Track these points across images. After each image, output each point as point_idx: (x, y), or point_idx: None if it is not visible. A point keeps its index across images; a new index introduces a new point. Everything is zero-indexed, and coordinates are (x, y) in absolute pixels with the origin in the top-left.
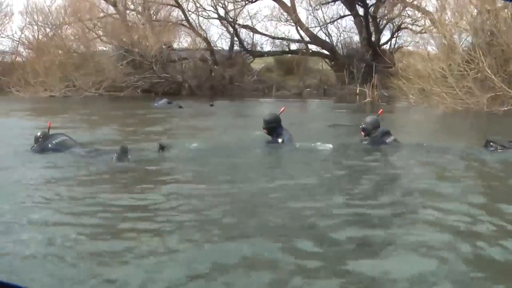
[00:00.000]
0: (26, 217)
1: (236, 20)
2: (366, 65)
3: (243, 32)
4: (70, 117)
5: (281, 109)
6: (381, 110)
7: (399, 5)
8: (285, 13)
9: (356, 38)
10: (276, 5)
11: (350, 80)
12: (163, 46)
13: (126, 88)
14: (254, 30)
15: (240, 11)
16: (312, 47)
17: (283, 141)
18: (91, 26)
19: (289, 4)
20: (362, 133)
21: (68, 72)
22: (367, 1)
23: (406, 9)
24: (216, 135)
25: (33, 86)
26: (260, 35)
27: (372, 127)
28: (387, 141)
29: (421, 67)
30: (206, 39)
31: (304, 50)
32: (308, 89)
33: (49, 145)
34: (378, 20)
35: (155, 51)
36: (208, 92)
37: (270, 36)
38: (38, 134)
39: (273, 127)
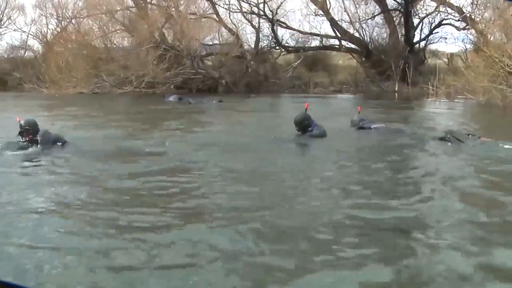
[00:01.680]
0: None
1: (276, 14)
2: (405, 62)
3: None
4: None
5: (305, 105)
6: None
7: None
8: (316, 8)
9: (385, 33)
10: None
11: (382, 77)
12: (200, 41)
13: (161, 85)
14: (285, 26)
15: (279, 6)
16: (343, 43)
17: (311, 130)
18: (120, 19)
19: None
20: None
21: (97, 68)
22: None
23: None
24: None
25: (59, 82)
26: (291, 31)
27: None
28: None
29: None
30: (237, 35)
31: (337, 46)
32: (344, 86)
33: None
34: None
35: (195, 46)
36: (244, 89)
37: (304, 32)
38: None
39: (305, 125)
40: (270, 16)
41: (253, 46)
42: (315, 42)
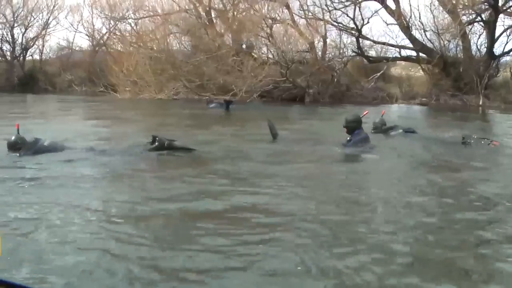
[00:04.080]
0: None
1: (364, 24)
2: (487, 74)
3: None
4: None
5: (365, 112)
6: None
7: None
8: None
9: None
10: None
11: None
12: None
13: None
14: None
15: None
16: (413, 53)
17: (350, 140)
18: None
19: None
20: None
21: (176, 72)
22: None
23: None
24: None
25: (133, 87)
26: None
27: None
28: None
29: None
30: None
31: (414, 57)
32: (424, 99)
33: (42, 148)
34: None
35: (295, 54)
36: (328, 99)
37: (383, 43)
38: (14, 139)
39: (353, 127)
40: (356, 27)
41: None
42: (390, 52)
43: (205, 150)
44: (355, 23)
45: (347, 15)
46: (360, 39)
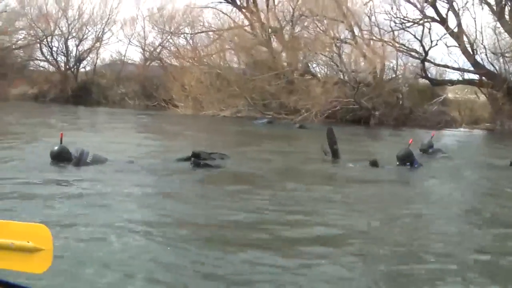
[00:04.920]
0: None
1: (432, 46)
2: None
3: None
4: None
5: (409, 141)
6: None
7: None
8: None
9: None
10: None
11: None
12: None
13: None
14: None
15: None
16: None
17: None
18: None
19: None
20: None
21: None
22: None
23: None
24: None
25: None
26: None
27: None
28: None
29: None
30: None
31: (477, 81)
32: (488, 124)
33: (87, 160)
34: None
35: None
36: (392, 122)
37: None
38: (57, 149)
39: (406, 161)
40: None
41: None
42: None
43: (253, 165)
44: (422, 46)
45: (415, 37)
46: (425, 62)
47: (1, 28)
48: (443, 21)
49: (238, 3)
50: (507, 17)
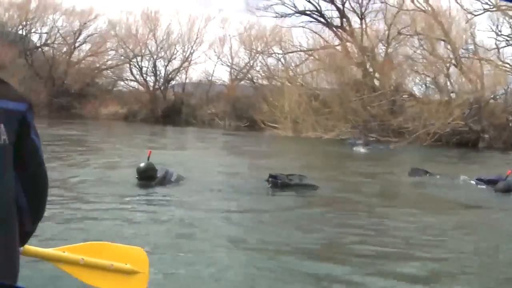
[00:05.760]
0: None
1: None
2: None
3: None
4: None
5: (507, 172)
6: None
7: None
8: None
9: None
10: None
11: None
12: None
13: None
14: None
15: None
16: None
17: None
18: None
19: None
20: None
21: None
22: None
23: None
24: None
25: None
26: None
27: None
28: None
29: None
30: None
31: None
32: None
33: (171, 179)
34: None
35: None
36: (502, 145)
37: None
38: (143, 166)
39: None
40: None
41: None
42: None
43: (335, 187)
44: None
45: None
46: None
47: (92, 49)
48: None
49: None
50: None
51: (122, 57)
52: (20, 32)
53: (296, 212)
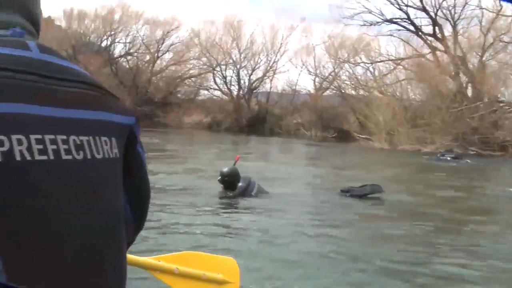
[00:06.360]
0: None
1: None
2: None
3: None
4: None
5: None
6: None
7: None
8: None
9: None
10: None
11: None
12: None
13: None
14: None
15: None
16: None
17: None
18: None
19: None
20: None
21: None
22: None
23: None
24: None
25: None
26: None
27: None
28: None
29: None
30: None
31: None
32: None
33: (251, 193)
34: None
35: None
36: None
37: None
38: (227, 170)
39: None
40: None
41: None
42: None
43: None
44: None
45: None
46: None
47: (174, 58)
48: None
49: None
50: None
51: (206, 66)
52: (104, 42)
53: (382, 226)
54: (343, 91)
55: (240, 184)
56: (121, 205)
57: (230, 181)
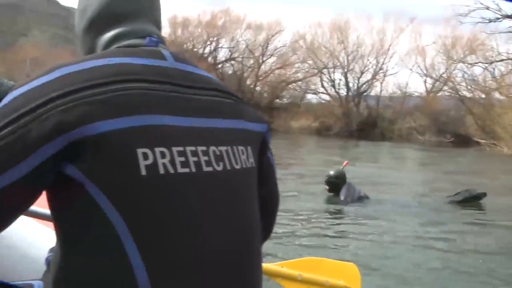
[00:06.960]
0: None
1: None
2: None
3: None
4: None
5: None
6: None
7: None
8: None
9: None
10: None
11: None
12: None
13: None
14: None
15: None
16: None
17: None
18: None
19: None
20: None
21: None
22: None
23: None
24: None
25: None
26: None
27: None
28: None
29: None
30: None
31: None
32: None
33: (354, 197)
34: None
35: None
36: None
37: None
38: (334, 173)
39: None
40: None
41: None
42: None
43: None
44: None
45: None
46: None
47: (279, 62)
48: None
49: None
50: None
51: (312, 69)
52: (208, 47)
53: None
54: (460, 93)
55: (343, 188)
56: (259, 217)
57: (336, 182)
